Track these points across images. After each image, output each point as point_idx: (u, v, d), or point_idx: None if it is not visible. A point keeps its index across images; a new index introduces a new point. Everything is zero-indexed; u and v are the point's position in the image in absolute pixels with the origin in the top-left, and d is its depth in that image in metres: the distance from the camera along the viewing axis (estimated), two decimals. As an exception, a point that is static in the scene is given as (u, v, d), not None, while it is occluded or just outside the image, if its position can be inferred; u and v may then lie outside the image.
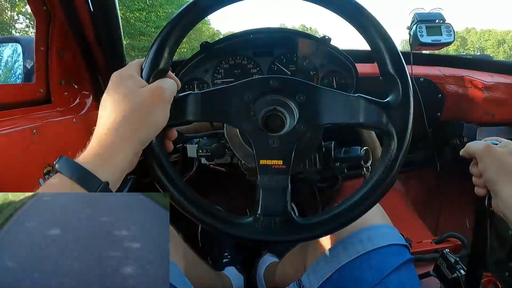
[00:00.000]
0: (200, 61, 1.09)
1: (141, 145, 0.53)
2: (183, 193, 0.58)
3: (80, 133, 1.00)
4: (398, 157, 0.58)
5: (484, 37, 47.22)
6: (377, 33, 0.59)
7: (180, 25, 0.58)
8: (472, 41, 47.26)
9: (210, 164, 1.09)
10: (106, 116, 0.52)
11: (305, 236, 0.59)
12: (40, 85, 1.00)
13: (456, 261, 0.98)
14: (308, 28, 53.33)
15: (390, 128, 0.58)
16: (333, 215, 0.59)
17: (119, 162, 0.50)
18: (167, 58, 0.57)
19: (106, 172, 0.49)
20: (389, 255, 0.70)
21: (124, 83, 0.53)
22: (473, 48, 47.06)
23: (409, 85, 0.59)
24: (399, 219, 0.83)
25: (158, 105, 0.53)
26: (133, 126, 0.51)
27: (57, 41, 0.99)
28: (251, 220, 0.59)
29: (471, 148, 0.65)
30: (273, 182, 0.59)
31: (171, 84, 0.56)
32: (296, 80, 0.61)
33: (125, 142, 0.51)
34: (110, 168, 0.49)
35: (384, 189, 0.58)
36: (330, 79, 1.10)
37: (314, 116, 0.61)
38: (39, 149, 0.84)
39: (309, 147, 0.72)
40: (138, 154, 0.54)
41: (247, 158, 0.75)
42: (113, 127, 0.51)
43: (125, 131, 0.51)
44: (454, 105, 1.39)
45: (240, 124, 0.60)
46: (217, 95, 0.61)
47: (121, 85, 0.53)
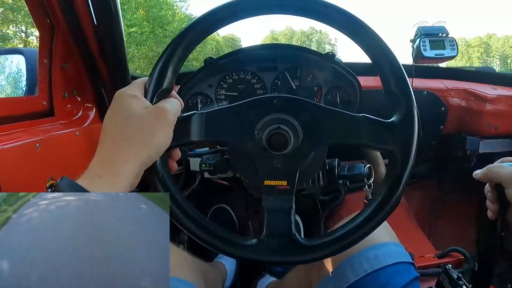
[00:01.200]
0: (204, 76, 1.10)
1: (143, 167, 0.53)
2: (187, 213, 0.58)
3: (83, 146, 1.00)
4: (402, 178, 0.58)
5: (508, 43, 45.22)
6: (380, 50, 0.59)
7: (183, 44, 0.58)
8: (497, 48, 45.46)
9: (213, 178, 1.09)
10: (108, 136, 0.52)
11: (309, 258, 0.59)
12: (43, 98, 0.99)
13: (458, 277, 0.98)
14: (318, 31, 52.81)
15: (394, 149, 0.58)
16: (337, 237, 0.58)
17: (121, 183, 0.50)
18: (171, 77, 0.58)
19: None
20: (395, 273, 0.69)
21: (127, 103, 0.53)
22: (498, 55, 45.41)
23: (413, 105, 0.59)
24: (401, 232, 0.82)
25: (161, 127, 0.53)
26: (136, 147, 0.51)
27: (61, 54, 1.00)
28: (255, 241, 0.58)
29: (495, 173, 0.63)
30: (277, 203, 0.59)
31: (175, 104, 0.56)
32: (300, 99, 0.61)
33: (126, 164, 0.51)
34: (111, 189, 0.49)
35: (388, 210, 0.58)
36: (334, 95, 1.10)
37: (318, 135, 0.60)
38: (42, 163, 0.84)
39: (313, 166, 0.72)
40: (140, 175, 0.54)
41: (251, 177, 0.75)
42: (114, 148, 0.51)
43: (127, 153, 0.51)
44: (457, 118, 1.39)
45: (244, 143, 0.60)
46: (221, 114, 0.61)
47: (124, 105, 0.53)
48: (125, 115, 0.52)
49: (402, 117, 0.58)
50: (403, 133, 0.58)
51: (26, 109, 0.94)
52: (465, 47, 44.67)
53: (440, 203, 1.72)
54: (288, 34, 52.81)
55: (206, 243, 0.58)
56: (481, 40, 43.84)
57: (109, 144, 0.51)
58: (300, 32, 53.22)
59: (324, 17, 0.60)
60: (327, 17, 0.60)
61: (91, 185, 0.48)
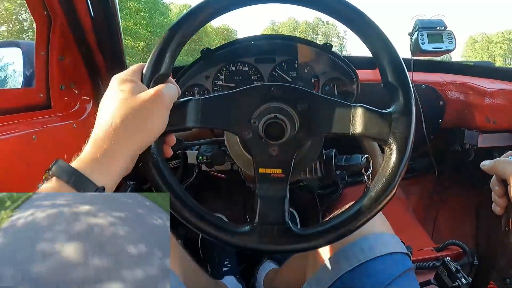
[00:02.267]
0: (201, 67, 1.09)
1: (138, 150, 0.53)
2: (181, 199, 0.57)
3: (80, 138, 0.98)
4: (399, 169, 0.57)
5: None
6: (379, 42, 0.58)
7: (182, 30, 0.58)
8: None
9: (210, 171, 1.09)
10: (103, 119, 0.52)
11: (302, 247, 0.59)
12: (40, 90, 0.99)
13: (457, 270, 0.98)
14: (324, 22, 47.01)
15: (391, 139, 0.57)
16: (331, 226, 0.58)
17: (116, 166, 0.50)
18: (168, 63, 0.57)
19: (102, 177, 0.48)
20: (390, 263, 0.69)
21: (124, 87, 0.53)
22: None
23: (411, 96, 0.58)
24: (400, 226, 0.82)
25: (157, 111, 0.53)
26: (131, 131, 0.51)
27: (58, 46, 0.99)
28: (248, 228, 0.58)
29: (501, 168, 0.62)
30: (271, 191, 0.59)
31: (171, 89, 0.56)
32: (298, 88, 0.61)
33: (121, 147, 0.50)
34: (106, 173, 0.49)
35: (384, 201, 0.58)
36: (331, 86, 1.10)
37: (315, 125, 0.60)
38: (39, 154, 0.84)
39: (310, 156, 0.72)
40: (135, 159, 0.54)
41: (247, 166, 0.75)
42: (110, 131, 0.50)
43: (122, 136, 0.50)
44: (456, 112, 1.39)
45: (240, 131, 0.60)
46: (217, 101, 0.60)
47: (120, 89, 0.53)
48: (121, 99, 0.52)
49: (399, 108, 0.58)
50: (400, 123, 0.58)
51: (23, 101, 0.94)
52: (486, 43, 41.32)
53: (439, 197, 1.72)
54: (291, 26, 46.84)
55: (198, 229, 0.58)
56: (504, 36, 39.99)
57: (104, 127, 0.51)
58: (305, 23, 47.94)
59: (322, 6, 0.59)
60: (325, 6, 0.59)
61: (86, 168, 0.48)
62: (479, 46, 39.83)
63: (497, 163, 0.63)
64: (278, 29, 46.55)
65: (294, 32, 43.74)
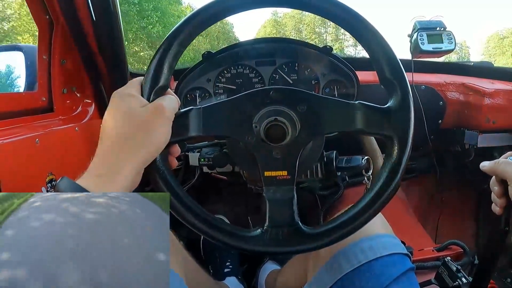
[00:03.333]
0: (202, 70, 1.10)
1: (143, 164, 0.53)
2: (191, 209, 0.58)
3: (82, 141, 1.00)
4: (401, 162, 0.58)
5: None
6: (374, 40, 0.59)
7: (178, 40, 0.58)
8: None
9: (211, 173, 1.09)
10: (107, 136, 0.52)
11: (314, 246, 0.59)
12: (43, 94, 1.00)
13: (458, 269, 0.98)
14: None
15: (391, 133, 0.58)
16: (340, 223, 0.59)
17: (121, 182, 0.51)
18: (167, 74, 0.57)
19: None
20: (390, 264, 0.69)
21: (125, 102, 0.54)
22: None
23: (408, 89, 0.59)
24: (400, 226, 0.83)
25: (160, 124, 0.54)
26: (135, 146, 0.52)
27: (60, 50, 1.00)
28: (259, 232, 0.59)
29: (501, 169, 0.63)
30: (278, 194, 0.60)
31: (172, 101, 0.57)
32: (296, 90, 0.62)
33: (126, 162, 0.51)
34: (112, 189, 0.50)
35: (389, 194, 0.58)
36: (332, 88, 1.11)
37: (316, 125, 0.61)
38: (42, 158, 0.85)
39: (311, 157, 0.72)
40: (141, 173, 0.55)
41: (251, 170, 0.75)
42: (114, 147, 0.51)
43: (126, 151, 0.51)
44: (455, 112, 1.39)
45: (243, 136, 0.61)
46: (218, 109, 0.61)
47: (121, 104, 0.54)
48: (123, 114, 0.53)
49: (398, 102, 0.59)
50: (399, 117, 0.58)
51: (26, 105, 0.95)
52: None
53: (439, 197, 1.73)
54: (296, 17, 40.57)
55: (211, 237, 0.58)
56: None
57: (108, 143, 0.52)
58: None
59: (316, 9, 0.60)
60: (319, 9, 0.60)
61: (91, 184, 0.48)
62: (508, 43, 37.00)
63: (496, 164, 0.64)
64: (282, 21, 42.64)
65: (300, 23, 41.17)
